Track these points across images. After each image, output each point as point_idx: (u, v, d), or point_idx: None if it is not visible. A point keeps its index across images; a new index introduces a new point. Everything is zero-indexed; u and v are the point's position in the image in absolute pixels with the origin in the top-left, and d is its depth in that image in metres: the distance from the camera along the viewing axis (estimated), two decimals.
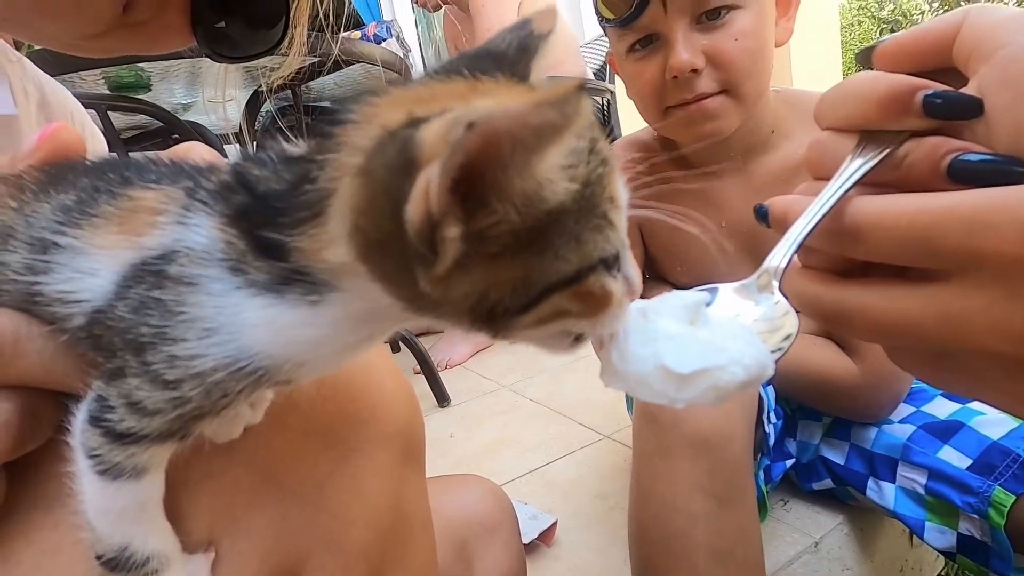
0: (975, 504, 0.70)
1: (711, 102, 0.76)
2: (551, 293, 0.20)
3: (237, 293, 0.21)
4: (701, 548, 0.64)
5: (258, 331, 0.21)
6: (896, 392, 0.81)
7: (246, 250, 0.21)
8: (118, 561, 0.24)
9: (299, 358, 0.23)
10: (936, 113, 0.23)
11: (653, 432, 0.69)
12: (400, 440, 0.36)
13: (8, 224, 0.24)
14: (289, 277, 0.21)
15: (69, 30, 0.43)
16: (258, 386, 0.23)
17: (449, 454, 1.26)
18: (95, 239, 0.23)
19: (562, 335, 0.23)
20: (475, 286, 0.19)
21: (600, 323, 0.23)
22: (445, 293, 0.19)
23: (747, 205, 0.84)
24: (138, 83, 1.26)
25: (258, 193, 0.22)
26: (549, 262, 0.20)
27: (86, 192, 0.24)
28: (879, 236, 0.23)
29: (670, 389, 0.22)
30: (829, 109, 0.27)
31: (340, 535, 0.33)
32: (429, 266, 0.18)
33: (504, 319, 0.21)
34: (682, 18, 0.73)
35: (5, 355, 0.23)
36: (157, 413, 0.22)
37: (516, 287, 0.20)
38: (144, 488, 0.24)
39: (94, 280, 0.23)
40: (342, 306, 0.22)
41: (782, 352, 0.24)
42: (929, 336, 0.23)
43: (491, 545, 0.58)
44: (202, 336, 0.21)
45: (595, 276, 0.21)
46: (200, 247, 0.22)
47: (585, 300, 0.21)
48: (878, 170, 0.25)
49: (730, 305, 0.27)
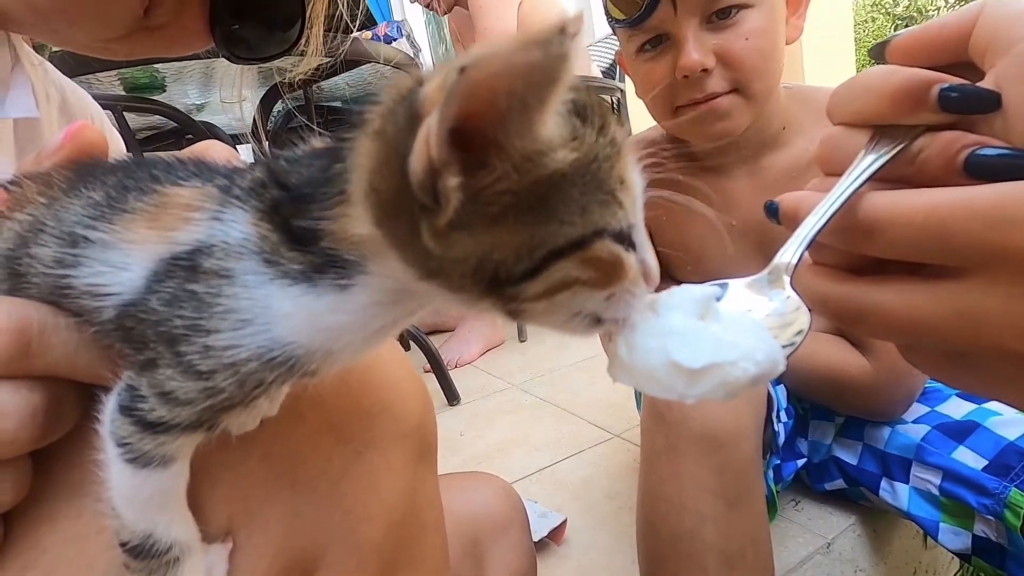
0: (990, 505, 0.70)
1: (721, 101, 0.75)
2: (557, 258, 0.20)
3: (271, 284, 0.22)
4: (710, 548, 0.64)
5: (291, 320, 0.22)
6: (910, 391, 0.80)
7: (279, 242, 0.22)
8: (141, 548, 0.25)
9: (329, 346, 0.23)
10: (952, 107, 0.23)
11: (661, 431, 0.69)
12: (414, 437, 0.37)
13: (38, 219, 0.25)
14: (321, 265, 0.22)
15: (91, 34, 0.44)
16: (289, 376, 0.23)
17: (459, 453, 1.26)
18: (125, 234, 0.24)
19: (577, 318, 0.23)
20: (478, 246, 0.20)
21: (615, 298, 0.22)
22: (448, 250, 0.20)
23: (757, 203, 0.83)
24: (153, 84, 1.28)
25: (290, 184, 0.23)
26: (553, 227, 0.20)
27: (116, 189, 0.25)
28: (894, 232, 0.23)
29: (679, 384, 0.22)
30: (841, 104, 0.27)
31: (354, 530, 0.33)
32: (433, 218, 0.19)
33: (511, 287, 0.21)
34: (692, 18, 0.73)
35: (32, 347, 0.23)
36: (188, 403, 0.23)
37: (519, 251, 0.20)
38: (171, 477, 0.25)
39: (125, 274, 0.23)
40: (369, 289, 0.22)
41: (794, 348, 0.24)
42: (944, 334, 0.23)
43: (502, 543, 0.58)
44: (236, 327, 0.22)
45: (602, 242, 0.21)
46: (236, 241, 0.22)
47: (595, 267, 0.21)
48: (891, 166, 0.25)
49: (741, 300, 0.27)
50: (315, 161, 0.23)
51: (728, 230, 0.86)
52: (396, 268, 0.22)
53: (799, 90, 0.87)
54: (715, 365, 0.22)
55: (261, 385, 0.23)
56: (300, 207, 0.22)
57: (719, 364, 0.22)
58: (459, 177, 0.18)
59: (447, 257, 0.20)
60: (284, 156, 0.24)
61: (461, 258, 0.20)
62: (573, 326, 0.23)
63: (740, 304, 0.26)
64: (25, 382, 0.24)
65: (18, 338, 0.23)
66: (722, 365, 0.22)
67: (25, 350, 0.23)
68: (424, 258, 0.20)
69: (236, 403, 0.23)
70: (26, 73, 0.47)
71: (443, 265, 0.20)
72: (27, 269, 0.25)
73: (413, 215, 0.19)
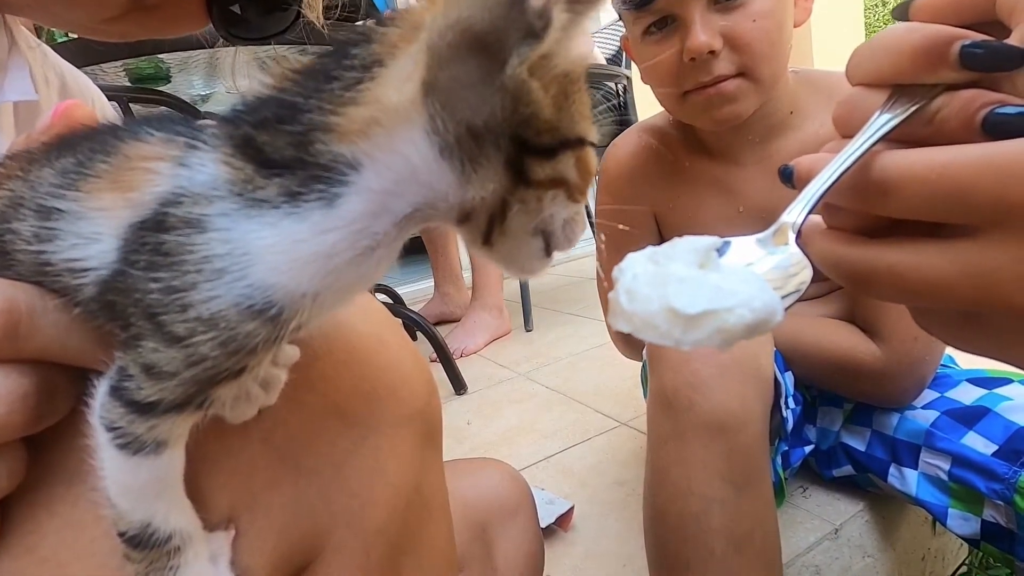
0: (1000, 490, 0.69)
1: (728, 84, 0.74)
2: (567, 148, 0.23)
3: (248, 220, 0.21)
4: (717, 533, 0.64)
5: (271, 257, 0.21)
6: (921, 376, 0.80)
7: (253, 173, 0.22)
8: (140, 538, 0.24)
9: (314, 286, 0.22)
10: (974, 64, 0.22)
11: (668, 416, 0.69)
12: (419, 420, 0.36)
13: (18, 193, 0.24)
14: (304, 181, 0.21)
15: (87, 14, 0.44)
16: (274, 332, 0.22)
17: (466, 441, 1.27)
18: (92, 201, 0.23)
19: (537, 239, 0.25)
20: (536, 96, 0.22)
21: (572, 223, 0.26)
22: (522, 87, 0.21)
23: (766, 189, 0.83)
24: (158, 75, 1.28)
25: (266, 112, 0.22)
26: (570, 118, 0.23)
27: (84, 154, 0.24)
28: (909, 190, 0.22)
29: (676, 330, 0.22)
30: (860, 63, 0.26)
31: (359, 514, 0.33)
32: (533, 46, 0.21)
33: (528, 159, 0.23)
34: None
35: (20, 329, 0.23)
36: (173, 375, 0.22)
37: (551, 124, 0.23)
38: (165, 463, 0.24)
39: (97, 246, 0.22)
40: (361, 194, 0.22)
41: (794, 299, 0.24)
42: (957, 294, 0.22)
43: (510, 528, 0.58)
44: (211, 277, 0.21)
45: (588, 152, 0.24)
46: (204, 185, 0.22)
47: (581, 172, 0.24)
48: (908, 127, 0.24)
49: (743, 255, 0.26)
50: (303, 74, 0.23)
51: (735, 216, 0.85)
52: (412, 143, 0.22)
53: (807, 74, 0.85)
54: (711, 312, 0.22)
55: (245, 348, 0.22)
56: (281, 126, 0.22)
57: (715, 311, 0.22)
58: (565, 14, 0.21)
59: (519, 95, 0.21)
60: (249, 97, 0.23)
61: (524, 101, 0.21)
62: (529, 251, 0.26)
63: (741, 258, 0.26)
64: (15, 366, 0.23)
65: (5, 320, 0.22)
66: (718, 312, 0.22)
67: (13, 332, 0.23)
68: (482, 105, 0.21)
69: (223, 372, 0.22)
70: (23, 56, 0.47)
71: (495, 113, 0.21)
72: (11, 247, 0.24)
73: (503, 49, 0.21)
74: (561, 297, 2.25)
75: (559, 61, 0.22)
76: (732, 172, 0.85)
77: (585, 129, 0.24)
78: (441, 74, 0.21)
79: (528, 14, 0.20)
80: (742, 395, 0.67)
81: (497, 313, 1.93)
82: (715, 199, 0.87)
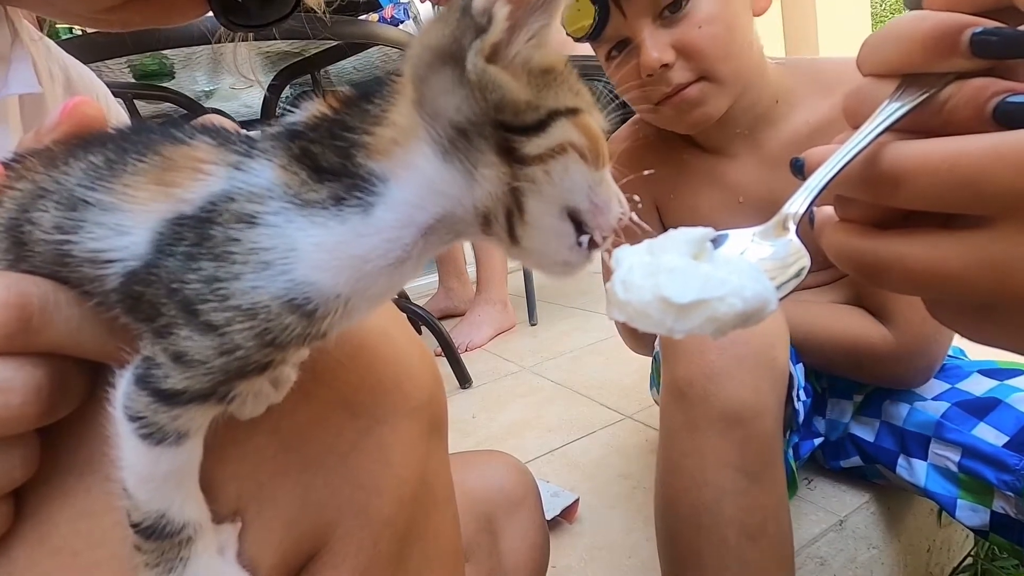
0: (1010, 482, 0.69)
1: (691, 91, 0.77)
2: (557, 118, 0.24)
3: (298, 217, 0.23)
4: (731, 523, 0.64)
5: (314, 254, 0.23)
6: (932, 358, 0.80)
7: (307, 179, 0.24)
8: (154, 528, 0.25)
9: (348, 288, 0.24)
10: (985, 51, 0.22)
11: (681, 407, 0.69)
12: (425, 412, 0.36)
13: (39, 185, 0.25)
14: (348, 188, 0.23)
15: (87, 4, 0.44)
16: (307, 329, 0.23)
17: (471, 435, 1.27)
18: (127, 195, 0.23)
19: (564, 222, 0.25)
20: (505, 84, 0.23)
21: (602, 188, 0.26)
22: (483, 75, 0.23)
23: (761, 179, 0.84)
24: (161, 71, 1.28)
25: (324, 129, 0.24)
26: (554, 95, 0.24)
27: (115, 152, 0.25)
28: (920, 181, 0.22)
29: (668, 319, 0.22)
30: (870, 52, 0.25)
31: (366, 505, 0.33)
32: (483, 38, 0.22)
33: (520, 139, 0.23)
34: (643, 18, 0.74)
35: (33, 322, 0.23)
36: (203, 363, 0.22)
37: (532, 104, 0.24)
38: (185, 454, 0.24)
39: (126, 238, 0.23)
40: (387, 207, 0.24)
41: (791, 287, 0.24)
42: (970, 286, 0.22)
43: (516, 519, 0.58)
44: (257, 269, 0.22)
45: (587, 116, 0.25)
46: (261, 187, 0.23)
47: (586, 134, 0.25)
48: (917, 117, 0.23)
49: (740, 246, 0.27)
50: (349, 103, 0.25)
51: (737, 207, 0.86)
52: (423, 154, 0.23)
53: (794, 62, 0.87)
54: (703, 301, 0.22)
55: (277, 341, 0.23)
56: (333, 141, 0.24)
57: (707, 300, 0.22)
58: (508, 7, 0.22)
59: (483, 86, 0.23)
60: (306, 116, 0.26)
61: (495, 90, 0.23)
62: (560, 240, 0.25)
63: (738, 250, 0.26)
64: (29, 358, 0.23)
65: (19, 313, 0.23)
66: (710, 301, 0.22)
67: (26, 325, 0.23)
68: (459, 104, 0.23)
69: (251, 365, 0.23)
70: (26, 48, 0.47)
71: (474, 109, 0.23)
72: (28, 237, 0.24)
73: (462, 51, 0.23)
74: (565, 291, 2.25)
75: (524, 50, 0.24)
76: (726, 164, 0.86)
77: (576, 101, 0.25)
78: (424, 89, 0.24)
79: (474, 16, 0.23)
80: (757, 386, 0.67)
81: (501, 307, 1.94)
82: (713, 191, 0.88)
